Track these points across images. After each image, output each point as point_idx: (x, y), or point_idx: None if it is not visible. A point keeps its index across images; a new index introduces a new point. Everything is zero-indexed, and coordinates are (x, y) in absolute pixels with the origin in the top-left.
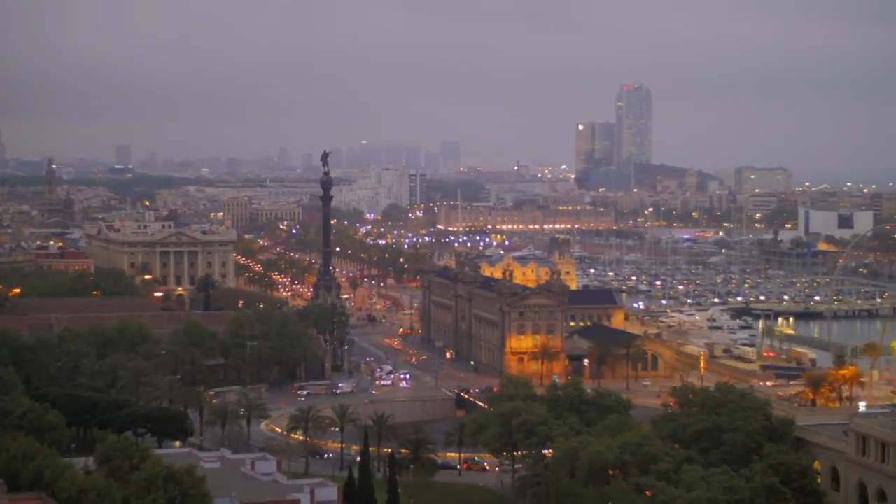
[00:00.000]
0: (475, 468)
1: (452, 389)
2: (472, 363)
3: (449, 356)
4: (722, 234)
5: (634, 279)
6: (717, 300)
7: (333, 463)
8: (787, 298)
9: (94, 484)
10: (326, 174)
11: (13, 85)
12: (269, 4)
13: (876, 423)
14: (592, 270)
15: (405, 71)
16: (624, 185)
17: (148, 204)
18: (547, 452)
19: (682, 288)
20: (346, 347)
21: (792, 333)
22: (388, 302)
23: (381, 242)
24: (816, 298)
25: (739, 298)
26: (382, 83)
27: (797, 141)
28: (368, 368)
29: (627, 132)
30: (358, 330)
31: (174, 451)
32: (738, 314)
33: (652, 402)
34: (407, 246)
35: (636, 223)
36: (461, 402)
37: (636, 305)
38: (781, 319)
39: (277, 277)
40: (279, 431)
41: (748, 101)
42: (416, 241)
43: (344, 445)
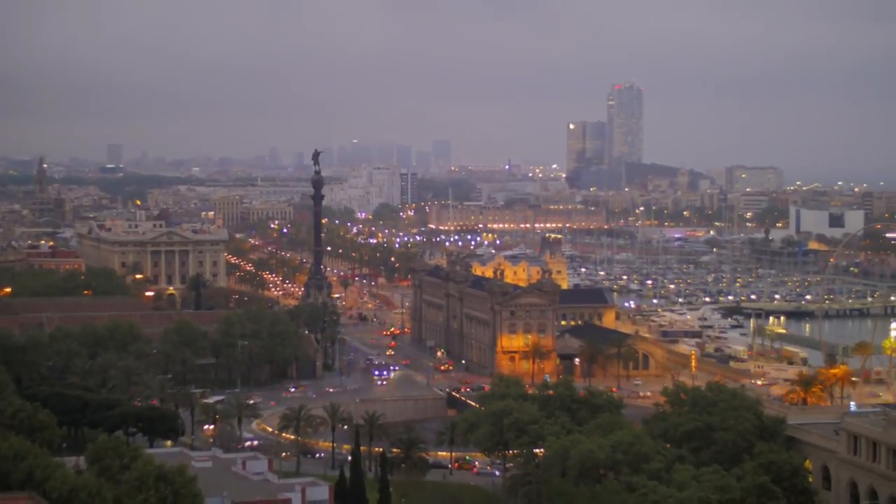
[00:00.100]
0: (466, 467)
1: (444, 388)
2: (463, 362)
3: (440, 355)
4: (713, 233)
5: (625, 278)
6: (708, 299)
7: (325, 462)
8: (778, 297)
9: (85, 483)
10: (318, 173)
11: (4, 84)
12: (260, 3)
13: (867, 422)
14: (583, 269)
15: (397, 70)
16: (615, 184)
17: (139, 203)
18: (538, 451)
19: (673, 287)
20: (336, 346)
21: (783, 332)
22: (379, 301)
23: (372, 241)
24: (807, 297)
25: (731, 297)
26: (374, 82)
27: (788, 140)
28: (367, 368)
29: (618, 131)
30: (349, 329)
31: (165, 450)
32: (729, 313)
33: (639, 401)
34: (398, 245)
35: (627, 222)
36: (452, 401)
37: (627, 304)
38: (772, 318)
39: (268, 277)
40: (270, 431)
41: (739, 100)
42: (407, 240)
43: (335, 445)
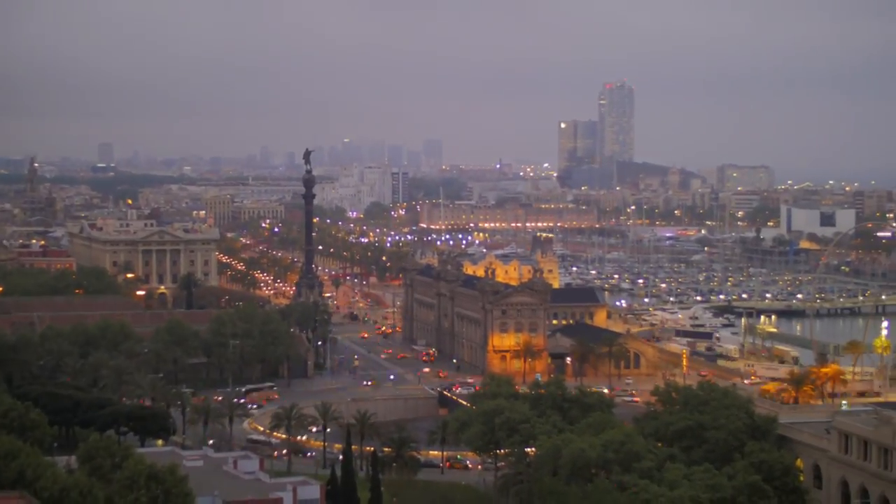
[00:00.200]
0: (458, 466)
1: (435, 388)
2: (454, 361)
3: (432, 354)
4: (704, 232)
5: (617, 277)
6: (699, 298)
7: (316, 461)
8: (769, 296)
9: (76, 483)
10: (309, 172)
11: None
12: (252, 2)
13: (858, 420)
14: (575, 269)
15: (388, 69)
16: (606, 183)
17: (130, 202)
18: (530, 450)
19: (664, 286)
20: (328, 345)
21: (774, 331)
22: (370, 300)
23: (363, 241)
24: (799, 296)
25: (722, 296)
26: (365, 81)
27: (780, 139)
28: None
29: (610, 130)
30: (340, 328)
31: (156, 449)
32: (720, 312)
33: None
34: (389, 244)
35: (618, 221)
36: (444, 400)
37: (619, 304)
38: (764, 317)
39: (260, 276)
40: (262, 430)
41: (731, 99)
42: (398, 239)
43: (326, 444)
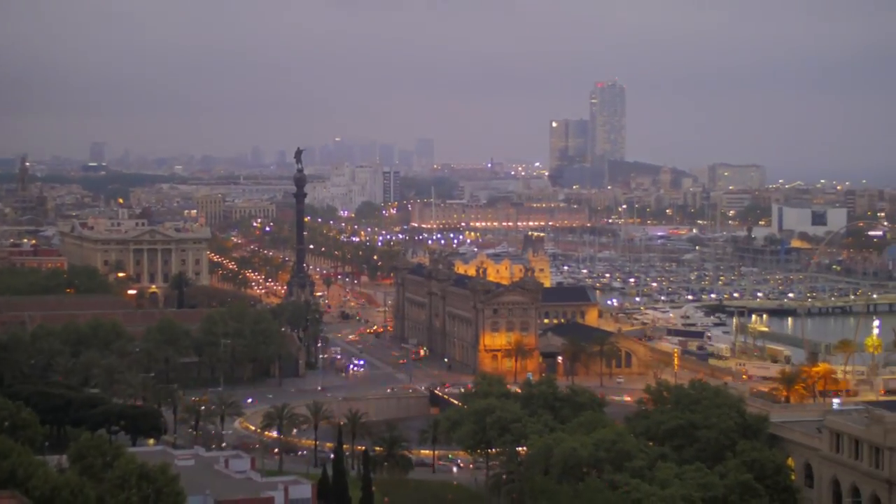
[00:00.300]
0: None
1: (426, 386)
2: (445, 360)
3: (423, 353)
4: (696, 231)
5: (608, 276)
6: (690, 297)
7: (307, 460)
8: (760, 295)
9: (67, 482)
10: (300, 171)
11: None
12: (244, 1)
13: (850, 419)
14: (566, 268)
15: (379, 68)
16: (598, 182)
17: (122, 201)
18: (521, 450)
19: (655, 285)
20: (319, 345)
21: (765, 330)
22: (361, 299)
23: (354, 240)
24: (790, 295)
25: (713, 295)
26: (356, 80)
27: (771, 138)
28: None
29: (601, 129)
30: (332, 327)
31: (148, 448)
32: (711, 311)
33: (618, 398)
34: (381, 243)
35: (610, 220)
36: (435, 399)
37: (610, 303)
38: (755, 316)
39: (251, 275)
40: (253, 429)
41: (722, 98)
42: (389, 238)
43: (318, 443)
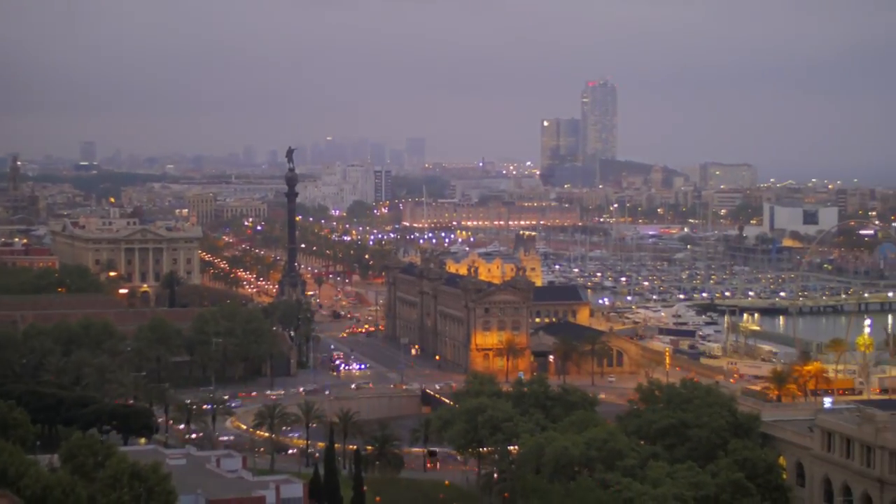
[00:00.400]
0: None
1: (416, 385)
2: (437, 359)
3: (414, 352)
4: (687, 230)
5: (599, 275)
6: (682, 296)
7: (299, 459)
8: (752, 294)
9: (59, 481)
10: (291, 171)
11: None
12: (235, 1)
13: (841, 418)
14: (557, 267)
15: (371, 67)
16: (589, 181)
17: (113, 201)
18: (512, 449)
19: (647, 284)
20: (311, 344)
21: (757, 329)
22: (353, 298)
23: (346, 239)
24: (781, 294)
25: (705, 294)
26: (348, 80)
27: (762, 137)
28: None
29: (592, 128)
30: (323, 326)
31: (139, 448)
32: (703, 310)
33: (611, 397)
34: (372, 242)
35: (601, 219)
36: (427, 398)
37: (601, 302)
38: (746, 315)
39: (242, 274)
40: (244, 428)
41: (714, 97)
42: (381, 237)
43: (309, 442)
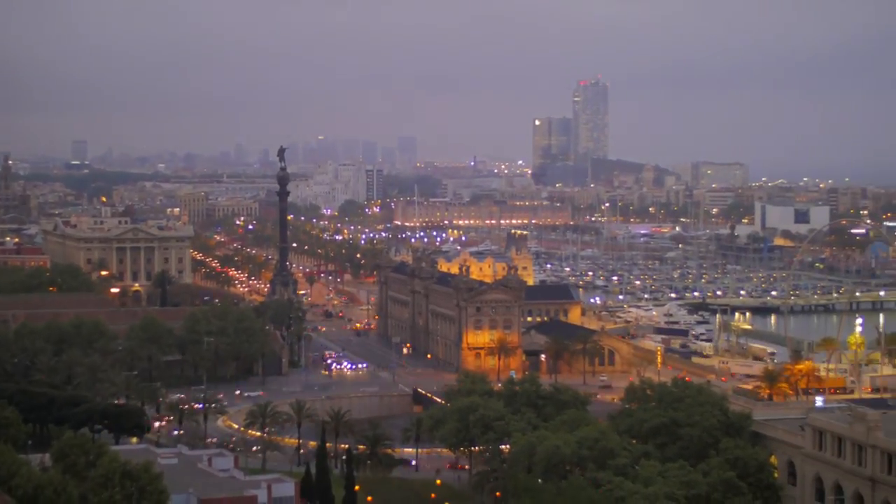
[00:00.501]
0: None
1: (409, 385)
2: (428, 357)
3: (406, 351)
4: (679, 229)
5: (591, 274)
6: (673, 295)
7: (290, 459)
8: (743, 293)
9: (50, 480)
10: (283, 170)
11: None
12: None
13: (832, 417)
14: (549, 266)
15: (362, 66)
16: (580, 180)
17: (104, 200)
18: (504, 448)
19: (638, 283)
20: (303, 343)
21: (748, 328)
22: (345, 297)
23: (337, 238)
24: (773, 293)
25: (696, 293)
26: (339, 78)
27: (754, 136)
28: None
29: (584, 127)
30: (315, 325)
31: (131, 447)
32: (694, 309)
33: (604, 396)
34: (364, 241)
35: (593, 218)
36: (418, 397)
37: (593, 301)
38: (738, 314)
39: (234, 273)
40: (236, 427)
41: (705, 96)
42: (372, 236)
43: (301, 441)
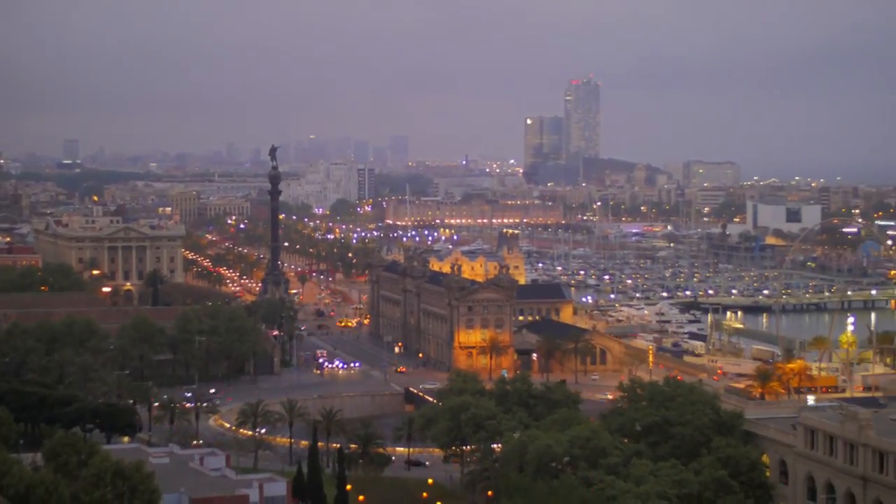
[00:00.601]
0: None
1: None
2: (420, 356)
3: (398, 350)
4: (670, 228)
5: (583, 273)
6: (665, 294)
7: (282, 458)
8: (735, 292)
9: (42, 480)
10: (275, 169)
11: None
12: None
13: (824, 416)
14: (541, 265)
15: (353, 65)
16: (572, 179)
17: (96, 199)
18: (496, 447)
19: (630, 282)
20: (294, 342)
21: (740, 327)
22: (336, 296)
23: (329, 237)
24: (765, 292)
25: (688, 292)
26: (331, 78)
27: (746, 135)
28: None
29: (576, 126)
30: (306, 324)
31: (123, 446)
32: (686, 308)
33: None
34: (355, 240)
35: (585, 217)
36: (410, 396)
37: (585, 300)
38: (730, 313)
39: (226, 272)
40: (228, 426)
41: (697, 95)
42: (364, 235)
43: (293, 440)
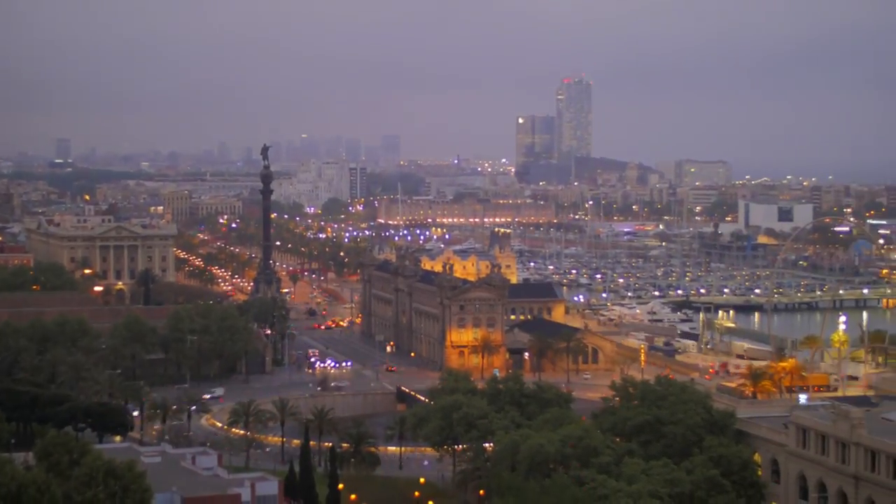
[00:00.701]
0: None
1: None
2: (412, 355)
3: (390, 349)
4: (662, 227)
5: (575, 273)
6: (657, 293)
7: (274, 457)
8: (727, 291)
9: (33, 479)
10: (266, 168)
11: None
12: None
13: (816, 415)
14: (533, 264)
15: (346, 64)
16: (564, 178)
17: (88, 198)
18: (488, 446)
19: (622, 281)
20: (286, 341)
21: (732, 326)
22: (328, 296)
23: (321, 236)
24: (757, 291)
25: (680, 291)
26: (323, 77)
27: (737, 134)
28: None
29: (568, 125)
30: (298, 323)
31: (114, 445)
32: (678, 307)
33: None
34: (347, 240)
35: (576, 216)
36: (402, 395)
37: (577, 299)
38: (722, 312)
39: (217, 271)
40: (220, 426)
41: (689, 94)
42: (356, 234)
43: (285, 439)
